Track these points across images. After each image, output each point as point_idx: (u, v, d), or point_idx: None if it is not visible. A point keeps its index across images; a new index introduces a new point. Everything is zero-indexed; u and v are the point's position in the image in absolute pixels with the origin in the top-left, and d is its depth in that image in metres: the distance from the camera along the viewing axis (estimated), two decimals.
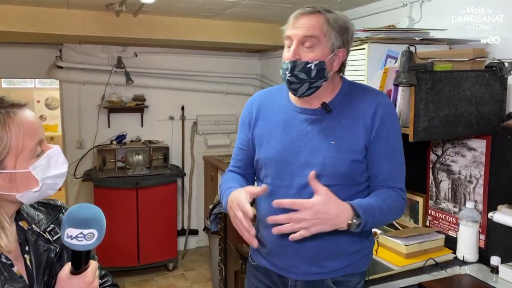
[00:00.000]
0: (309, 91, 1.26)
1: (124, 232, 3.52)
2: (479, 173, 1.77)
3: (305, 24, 1.22)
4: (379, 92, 1.35)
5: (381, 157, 1.27)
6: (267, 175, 1.36)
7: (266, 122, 1.39)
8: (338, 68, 1.29)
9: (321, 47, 1.22)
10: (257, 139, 1.40)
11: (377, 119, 1.25)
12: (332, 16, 1.24)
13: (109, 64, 3.79)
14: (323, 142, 1.27)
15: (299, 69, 1.23)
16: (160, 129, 4.05)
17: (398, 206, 1.29)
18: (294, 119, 1.33)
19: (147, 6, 2.80)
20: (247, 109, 1.45)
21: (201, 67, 4.10)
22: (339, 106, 1.29)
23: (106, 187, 3.49)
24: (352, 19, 2.75)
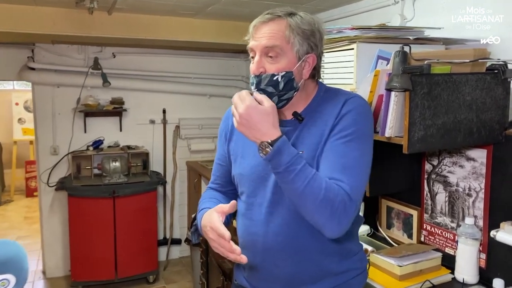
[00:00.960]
0: (279, 104, 1.17)
1: (100, 244, 3.31)
2: (479, 185, 1.61)
3: (265, 34, 1.12)
4: (351, 93, 1.21)
5: (326, 152, 1.11)
6: (243, 192, 1.28)
7: (241, 136, 1.24)
8: (309, 75, 1.18)
9: (285, 56, 1.12)
10: (233, 154, 1.31)
11: (339, 115, 1.14)
12: (294, 20, 1.13)
13: (85, 65, 3.57)
14: None
15: (265, 83, 1.13)
16: (140, 133, 3.84)
17: (331, 197, 1.02)
18: None
19: (121, 3, 2.61)
20: (224, 122, 1.37)
21: (183, 68, 3.90)
22: (311, 114, 1.19)
23: (81, 196, 3.28)
24: (340, 17, 2.63)
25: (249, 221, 1.25)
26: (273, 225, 1.19)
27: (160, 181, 3.64)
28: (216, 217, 1.12)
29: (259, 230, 1.21)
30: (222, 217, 1.13)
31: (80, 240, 3.28)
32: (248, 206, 1.25)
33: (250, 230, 1.24)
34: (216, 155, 1.39)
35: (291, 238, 1.18)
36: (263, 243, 1.21)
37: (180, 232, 4.08)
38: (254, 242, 1.23)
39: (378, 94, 1.40)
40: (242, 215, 1.28)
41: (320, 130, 1.15)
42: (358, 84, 1.53)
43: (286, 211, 1.17)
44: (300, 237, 1.17)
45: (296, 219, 1.15)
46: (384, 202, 2.09)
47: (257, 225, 1.22)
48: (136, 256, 3.44)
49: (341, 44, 1.59)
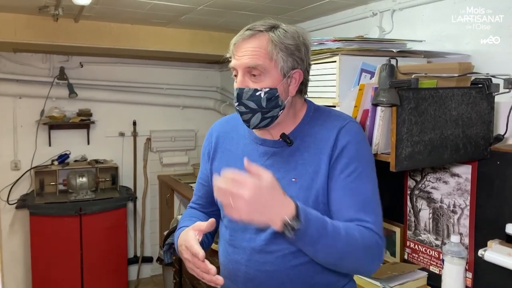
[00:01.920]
0: (264, 122, 1.09)
1: (65, 265, 3.10)
2: (464, 202, 1.57)
3: (247, 52, 1.06)
4: (346, 117, 1.14)
5: (339, 192, 1.05)
6: (225, 216, 1.19)
7: (225, 155, 1.21)
8: (295, 91, 1.11)
9: (269, 74, 1.06)
10: (214, 174, 1.16)
11: (337, 146, 1.06)
12: (277, 35, 1.06)
13: (50, 75, 3.39)
14: (283, 179, 1.07)
15: (247, 97, 1.07)
16: (108, 147, 3.67)
17: (368, 244, 0.98)
18: (254, 152, 1.15)
19: (88, 11, 2.48)
20: (207, 140, 1.31)
21: (155, 79, 3.77)
22: (301, 137, 1.12)
23: (44, 214, 3.07)
24: (318, 29, 2.58)
25: (231, 248, 1.16)
26: (260, 254, 1.10)
27: (130, 197, 3.47)
28: (192, 236, 1.04)
29: (241, 259, 1.12)
30: (199, 236, 1.05)
31: (43, 262, 3.06)
32: (231, 231, 1.17)
33: (232, 257, 1.15)
34: (198, 174, 1.33)
35: (277, 268, 1.08)
36: (245, 272, 1.11)
37: (152, 250, 3.90)
38: (236, 271, 1.14)
39: (363, 109, 1.33)
40: (225, 241, 1.20)
41: (315, 158, 1.08)
42: (341, 98, 1.46)
43: (269, 241, 1.09)
44: (288, 268, 1.08)
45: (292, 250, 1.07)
46: None
47: (240, 253, 1.13)
48: (104, 277, 3.25)
49: (323, 56, 1.53)
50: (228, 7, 2.35)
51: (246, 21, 1.13)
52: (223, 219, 1.22)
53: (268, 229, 1.08)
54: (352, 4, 2.25)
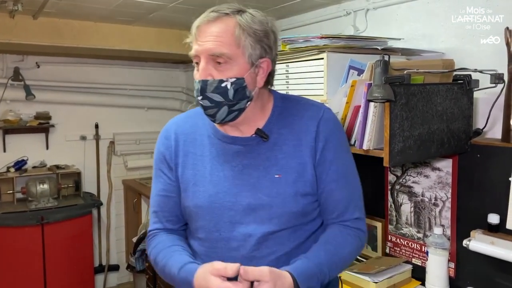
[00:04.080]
0: (230, 116, 1.01)
1: (26, 278, 2.89)
2: (445, 195, 1.62)
3: (211, 37, 0.96)
4: (320, 105, 1.11)
5: (331, 184, 1.05)
6: (200, 227, 1.07)
7: (189, 159, 1.08)
8: (263, 82, 1.03)
9: (236, 62, 0.97)
10: (182, 182, 1.09)
11: (320, 138, 1.04)
12: (245, 19, 0.98)
13: (4, 76, 3.15)
14: (265, 177, 1.03)
15: (212, 90, 0.97)
16: (69, 151, 3.47)
17: (354, 248, 1.08)
18: (225, 152, 1.05)
19: (50, 7, 2.33)
20: (164, 144, 1.12)
21: (118, 80, 3.62)
22: (276, 130, 1.05)
23: (1, 225, 2.84)
24: (290, 28, 2.58)
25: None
26: (252, 261, 1.00)
27: (95, 204, 3.31)
28: (218, 283, 0.88)
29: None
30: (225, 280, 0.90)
31: (2, 277, 2.84)
32: (211, 243, 1.05)
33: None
34: (156, 187, 1.13)
35: None
36: None
37: (118, 257, 3.74)
38: None
39: (354, 105, 1.34)
40: (204, 256, 1.05)
41: (296, 150, 1.04)
42: (329, 95, 1.46)
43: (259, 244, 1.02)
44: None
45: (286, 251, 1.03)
46: None
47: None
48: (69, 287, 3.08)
49: (309, 53, 1.52)
50: (201, 4, 2.28)
51: None
52: (194, 232, 1.10)
53: (257, 233, 1.02)
54: (325, 3, 2.28)
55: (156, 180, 1.13)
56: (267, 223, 1.01)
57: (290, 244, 1.04)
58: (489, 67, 1.39)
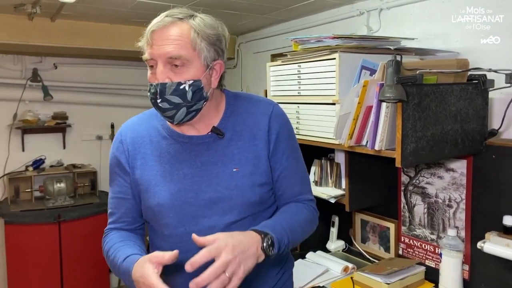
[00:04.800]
0: (188, 116, 1.05)
1: (44, 275, 2.96)
2: (459, 196, 1.60)
3: (168, 40, 0.99)
4: (269, 101, 1.20)
5: (284, 172, 1.14)
6: (164, 224, 1.10)
7: (148, 161, 1.10)
8: (217, 83, 1.09)
9: (193, 65, 1.01)
10: (142, 183, 1.11)
11: (272, 131, 1.12)
12: (198, 23, 1.01)
13: (22, 77, 3.23)
14: (224, 172, 1.08)
15: (170, 92, 1.00)
16: (86, 151, 3.54)
17: (310, 217, 1.17)
18: (183, 151, 1.09)
19: (68, 9, 2.38)
20: (118, 148, 1.14)
21: (133, 80, 3.66)
22: (230, 126, 1.11)
23: (20, 223, 2.91)
24: (303, 28, 2.59)
25: (183, 255, 0.98)
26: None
27: None
28: (151, 271, 0.91)
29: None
30: (158, 269, 0.92)
31: (20, 273, 2.91)
32: (176, 238, 1.07)
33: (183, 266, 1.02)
34: (112, 189, 1.16)
35: None
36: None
37: None
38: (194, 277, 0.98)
39: (366, 105, 1.33)
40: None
41: (251, 145, 1.10)
42: (341, 95, 1.46)
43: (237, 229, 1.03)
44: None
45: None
46: (358, 215, 2.04)
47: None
48: (85, 285, 3.13)
49: (321, 54, 1.52)
50: (213, 5, 2.31)
51: (231, 20, 1.09)
52: (158, 229, 1.12)
53: (220, 223, 1.05)
54: (338, 4, 2.27)
55: (112, 183, 1.16)
56: (229, 213, 1.07)
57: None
58: (505, 66, 1.37)
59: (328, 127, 1.54)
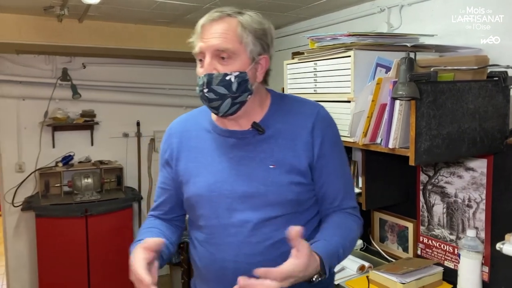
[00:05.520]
0: (233, 108, 1.07)
1: (72, 266, 3.08)
2: (479, 196, 1.56)
3: (216, 34, 1.04)
4: (315, 103, 1.19)
5: (330, 176, 1.13)
6: (200, 215, 1.14)
7: (192, 153, 1.15)
8: (262, 77, 1.11)
9: (239, 57, 1.05)
10: (183, 175, 1.16)
11: (317, 134, 1.11)
12: (246, 19, 1.06)
13: (53, 76, 3.36)
14: (261, 168, 1.09)
15: (217, 83, 1.04)
16: (112, 147, 3.65)
17: (357, 234, 1.15)
18: (223, 145, 1.13)
19: (94, 10, 2.46)
20: (166, 142, 1.23)
21: (158, 79, 3.75)
22: (273, 124, 1.12)
23: (50, 216, 3.04)
24: (324, 26, 2.58)
25: (214, 247, 1.10)
26: (249, 246, 1.07)
27: (135, 198, 3.46)
28: (140, 257, 0.95)
29: (229, 255, 1.07)
30: (150, 255, 0.96)
31: (50, 264, 3.04)
32: (211, 230, 1.11)
33: (217, 256, 1.09)
34: (159, 179, 1.25)
35: (267, 258, 1.05)
36: (234, 269, 1.06)
37: None
38: (224, 270, 1.08)
39: (380, 103, 1.32)
40: (204, 243, 1.13)
41: (291, 144, 1.10)
42: (356, 93, 1.45)
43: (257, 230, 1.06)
44: (277, 256, 1.03)
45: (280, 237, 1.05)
46: (376, 214, 2.03)
47: (226, 249, 1.08)
48: (111, 278, 3.22)
49: (336, 51, 1.52)
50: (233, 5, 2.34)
51: None
52: (195, 221, 1.16)
53: (253, 219, 1.07)
54: (358, 1, 2.25)
55: (160, 173, 1.24)
56: (262, 209, 1.07)
57: (285, 231, 1.05)
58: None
59: (343, 124, 1.53)
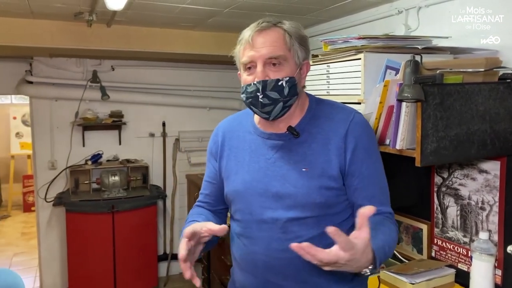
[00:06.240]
0: (282, 112, 1.14)
1: (98, 260, 3.23)
2: (492, 199, 1.55)
3: (267, 43, 1.10)
4: (351, 110, 1.21)
5: (364, 181, 1.14)
6: (237, 210, 1.24)
7: (233, 152, 1.24)
8: (304, 82, 1.20)
9: (288, 64, 1.12)
10: (225, 171, 1.25)
11: (350, 140, 1.13)
12: (289, 27, 1.14)
13: (84, 78, 3.53)
14: (293, 170, 1.14)
15: (270, 88, 1.10)
16: (139, 147, 3.79)
17: (396, 235, 1.16)
18: (262, 146, 1.20)
19: (120, 16, 2.58)
20: (213, 139, 1.33)
21: (183, 81, 3.86)
22: (308, 128, 1.17)
23: (79, 211, 3.21)
24: (342, 28, 2.60)
25: (248, 240, 1.19)
26: (278, 242, 1.13)
27: (160, 195, 3.58)
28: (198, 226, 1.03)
29: (260, 248, 1.16)
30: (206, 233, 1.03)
31: (78, 256, 3.20)
32: (245, 224, 1.20)
33: (250, 249, 1.18)
34: (206, 173, 1.34)
35: (296, 255, 1.08)
36: (264, 262, 1.15)
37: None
38: (255, 262, 1.17)
39: (388, 105, 1.35)
40: (240, 235, 1.22)
41: (324, 149, 1.13)
42: (366, 95, 1.48)
43: (286, 228, 1.13)
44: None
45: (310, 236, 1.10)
46: None
47: (258, 243, 1.16)
48: (135, 272, 3.36)
49: (347, 54, 1.55)
50: (253, 9, 2.40)
51: None
52: (233, 214, 1.25)
53: (283, 217, 1.12)
54: (377, 3, 2.26)
55: (206, 168, 1.34)
56: (293, 209, 1.12)
57: (314, 231, 1.13)
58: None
59: None
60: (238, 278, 1.25)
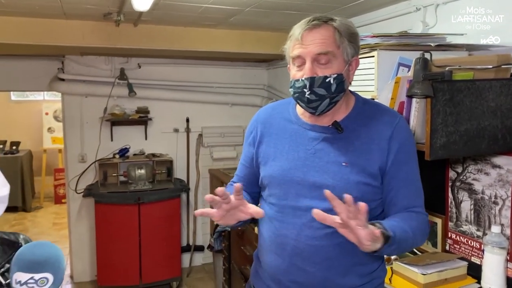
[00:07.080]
0: (329, 107, 1.17)
1: (125, 249, 3.38)
2: (505, 193, 1.58)
3: (315, 40, 1.13)
4: (395, 113, 1.25)
5: (400, 183, 1.19)
6: (272, 194, 1.27)
7: (272, 139, 1.28)
8: (353, 78, 1.21)
9: (337, 61, 1.14)
10: (263, 157, 1.30)
11: (394, 143, 1.17)
12: (339, 24, 1.15)
13: (112, 75, 3.69)
14: (333, 163, 1.18)
15: (318, 85, 1.14)
16: (164, 142, 3.93)
17: (423, 226, 1.20)
18: (303, 136, 1.23)
19: (147, 16, 2.70)
20: (252, 125, 1.37)
21: (206, 78, 3.98)
22: (352, 126, 1.20)
23: (107, 202, 3.37)
24: (361, 25, 2.64)
25: (279, 223, 1.23)
26: (310, 229, 1.17)
27: (184, 188, 3.70)
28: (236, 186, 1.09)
29: (291, 233, 1.20)
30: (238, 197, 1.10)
31: (106, 246, 3.37)
32: (279, 208, 1.23)
33: (280, 232, 1.22)
34: (241, 157, 1.40)
35: (325, 244, 1.16)
36: (293, 246, 1.19)
37: (203, 239, 4.12)
38: (284, 245, 1.21)
39: (399, 101, 1.40)
40: (272, 218, 1.25)
41: (366, 148, 1.17)
42: (379, 91, 1.53)
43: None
44: (336, 244, 1.15)
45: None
46: None
47: (289, 228, 1.20)
48: (160, 262, 3.50)
49: (362, 51, 1.60)
50: (274, 7, 2.47)
51: (292, 20, 1.21)
52: (267, 198, 1.28)
53: (318, 206, 1.14)
54: (395, 0, 2.29)
55: (243, 152, 1.39)
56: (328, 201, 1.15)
57: None
58: None
59: None
60: (264, 258, 1.30)
